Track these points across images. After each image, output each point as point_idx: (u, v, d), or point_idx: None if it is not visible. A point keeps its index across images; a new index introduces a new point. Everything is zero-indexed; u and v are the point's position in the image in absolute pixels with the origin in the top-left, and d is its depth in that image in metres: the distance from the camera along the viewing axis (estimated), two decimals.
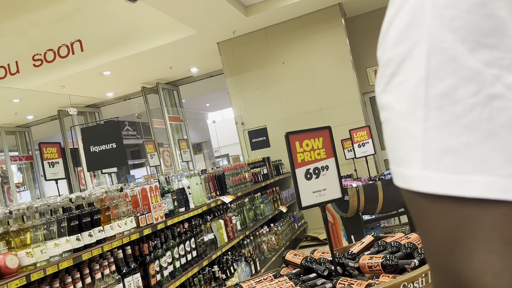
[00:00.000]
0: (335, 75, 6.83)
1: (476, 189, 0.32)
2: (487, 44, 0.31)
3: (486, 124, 0.32)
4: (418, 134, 0.34)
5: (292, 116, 7.08)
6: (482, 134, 0.32)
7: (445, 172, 0.33)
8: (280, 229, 5.52)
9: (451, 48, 0.32)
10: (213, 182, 4.35)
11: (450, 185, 0.32)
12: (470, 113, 0.32)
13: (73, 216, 2.42)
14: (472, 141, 0.32)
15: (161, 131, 9.00)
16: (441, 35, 0.33)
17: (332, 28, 6.86)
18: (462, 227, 0.32)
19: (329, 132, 2.02)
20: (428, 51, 0.33)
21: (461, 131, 0.32)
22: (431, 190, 0.33)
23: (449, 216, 0.33)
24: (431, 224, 0.34)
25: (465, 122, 0.32)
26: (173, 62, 8.20)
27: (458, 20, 0.32)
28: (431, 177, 0.33)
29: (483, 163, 0.32)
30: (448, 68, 0.33)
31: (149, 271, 2.89)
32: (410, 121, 0.35)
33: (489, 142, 0.32)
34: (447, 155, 0.33)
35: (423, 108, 0.34)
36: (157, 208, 3.15)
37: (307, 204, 1.95)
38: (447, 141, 0.33)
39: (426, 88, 0.34)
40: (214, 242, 3.85)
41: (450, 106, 0.33)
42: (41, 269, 2.07)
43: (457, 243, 0.33)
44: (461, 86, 0.32)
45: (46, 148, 3.74)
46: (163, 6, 5.60)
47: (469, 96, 0.32)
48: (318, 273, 1.99)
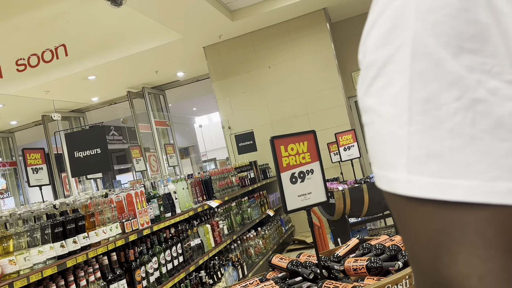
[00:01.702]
0: (320, 79, 6.88)
1: (460, 193, 0.32)
2: (469, 49, 0.32)
3: (469, 128, 0.32)
4: (402, 138, 0.34)
5: (278, 120, 7.10)
6: (465, 138, 0.32)
7: (430, 176, 0.33)
8: (268, 233, 5.53)
9: (434, 53, 0.32)
10: (200, 187, 4.33)
11: (435, 189, 0.32)
12: (453, 117, 0.32)
13: (57, 223, 2.39)
14: (456, 145, 0.32)
15: (147, 135, 8.95)
16: (425, 40, 0.33)
17: (317, 33, 6.92)
18: (447, 231, 0.32)
19: (313, 136, 2.04)
20: (411, 56, 0.33)
21: (445, 136, 0.33)
22: (416, 193, 0.33)
23: (433, 220, 0.33)
24: (415, 228, 0.34)
25: (448, 127, 0.32)
26: (159, 66, 8.17)
27: (441, 25, 0.32)
28: (416, 181, 0.33)
29: (467, 167, 0.32)
30: (431, 73, 0.33)
31: (135, 277, 2.86)
32: (394, 125, 0.35)
33: (473, 147, 0.32)
34: (431, 159, 0.33)
35: (407, 112, 0.34)
36: (142, 214, 3.13)
37: (292, 208, 1.96)
38: (431, 145, 0.33)
39: (410, 93, 0.34)
40: (201, 247, 3.83)
41: (434, 111, 0.33)
42: (25, 277, 2.04)
43: (441, 247, 0.33)
44: (444, 91, 0.33)
45: (29, 154, 3.69)
46: (148, 11, 5.58)
47: (452, 101, 0.32)
48: (304, 277, 2.00)
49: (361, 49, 0.38)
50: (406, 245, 0.36)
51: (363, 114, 0.38)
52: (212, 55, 7.46)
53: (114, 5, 3.93)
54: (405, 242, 0.36)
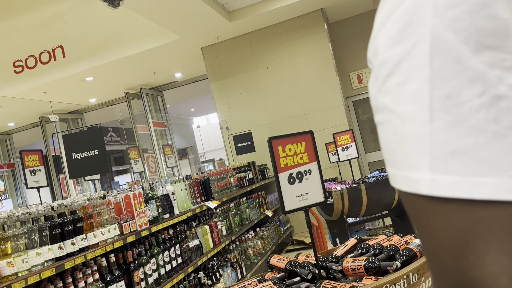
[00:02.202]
0: (318, 79, 6.89)
1: (486, 191, 0.31)
2: (489, 45, 0.31)
3: (492, 125, 0.32)
4: (424, 136, 0.33)
5: (276, 120, 7.11)
6: (489, 135, 0.32)
7: (455, 174, 0.32)
8: (266, 234, 5.53)
9: (454, 49, 0.32)
10: (198, 188, 4.33)
11: (461, 188, 0.32)
12: (476, 114, 0.32)
13: (55, 225, 2.39)
14: (480, 143, 0.32)
15: (145, 136, 8.94)
16: (444, 36, 0.32)
17: (315, 33, 6.93)
18: (473, 229, 0.32)
19: (311, 137, 2.04)
20: (431, 52, 0.33)
21: (468, 133, 0.32)
22: (441, 193, 0.32)
23: (459, 219, 0.32)
24: (438, 228, 0.33)
25: (472, 123, 0.32)
26: (156, 67, 8.16)
27: (460, 21, 0.32)
28: (440, 180, 0.32)
29: (492, 164, 0.31)
30: (452, 69, 0.32)
31: (133, 278, 2.86)
32: (414, 123, 0.34)
33: (497, 143, 0.31)
34: (456, 157, 0.32)
35: (428, 109, 0.33)
36: (141, 215, 3.13)
37: (290, 208, 1.96)
38: (455, 143, 0.32)
39: (430, 89, 0.33)
40: (199, 248, 3.83)
41: (456, 108, 0.32)
42: (23, 279, 2.03)
43: (467, 246, 0.32)
44: (466, 87, 0.32)
45: (27, 155, 3.69)
46: (145, 12, 5.58)
47: (474, 97, 0.32)
48: (302, 277, 2.01)
49: (370, 47, 0.37)
50: (427, 247, 0.35)
51: (377, 113, 0.37)
52: (210, 56, 7.46)
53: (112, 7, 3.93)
54: (426, 243, 0.35)
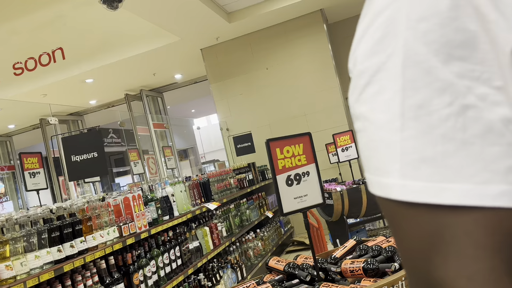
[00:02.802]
0: (318, 80, 6.89)
1: (452, 197, 0.33)
2: (459, 56, 0.33)
3: (460, 133, 0.33)
4: (395, 144, 0.35)
5: (276, 121, 7.11)
6: (457, 143, 0.33)
7: (423, 180, 0.34)
8: (267, 235, 5.53)
9: (425, 61, 0.33)
10: (198, 189, 4.33)
11: (428, 193, 0.33)
12: (445, 123, 0.33)
13: (54, 227, 2.38)
14: (448, 150, 0.33)
15: (145, 138, 8.94)
16: (416, 48, 0.33)
17: (315, 34, 6.93)
18: (438, 233, 0.33)
19: (309, 138, 2.04)
20: (403, 63, 0.34)
21: (437, 141, 0.33)
22: (409, 198, 0.34)
23: (426, 223, 0.34)
24: (408, 231, 0.35)
25: (440, 132, 0.33)
26: (156, 68, 8.17)
27: (431, 33, 0.33)
28: (410, 186, 0.34)
29: (459, 171, 0.33)
30: (423, 80, 0.33)
31: (133, 281, 2.86)
32: (386, 131, 0.35)
33: (464, 151, 0.33)
34: (424, 164, 0.34)
35: (400, 118, 0.34)
36: (140, 217, 3.13)
37: (288, 210, 1.96)
38: (424, 150, 0.34)
39: (402, 99, 0.34)
40: (199, 249, 3.83)
41: (426, 117, 0.34)
42: (21, 282, 2.03)
43: (433, 249, 0.33)
44: (435, 97, 0.33)
45: (26, 158, 3.69)
46: (145, 14, 5.59)
47: (443, 107, 0.33)
48: (301, 279, 2.00)
49: (351, 58, 0.39)
50: (399, 248, 0.37)
51: (355, 121, 0.39)
52: (210, 57, 7.46)
53: (111, 9, 3.93)
54: (398, 245, 0.37)
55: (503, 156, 0.33)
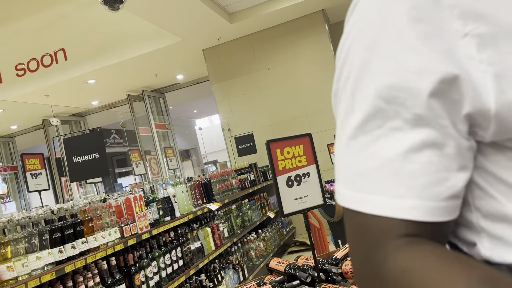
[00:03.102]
0: (320, 80, 6.88)
1: (372, 207, 0.39)
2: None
3: (385, 151, 0.39)
4: (342, 158, 0.43)
5: (278, 121, 7.10)
6: (382, 160, 0.39)
7: (355, 191, 0.41)
8: (268, 235, 5.52)
9: (364, 88, 0.42)
10: (200, 190, 4.33)
11: (355, 202, 0.41)
12: (376, 142, 0.39)
13: (55, 228, 2.39)
14: (374, 166, 0.39)
15: (147, 138, 8.95)
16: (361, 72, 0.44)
17: (316, 34, 6.92)
18: (364, 233, 0.41)
19: (309, 139, 2.04)
20: (351, 92, 0.43)
21: (368, 158, 0.40)
22: (345, 205, 0.42)
23: (356, 224, 0.41)
24: (348, 229, 0.44)
25: (371, 150, 0.40)
26: (158, 69, 8.18)
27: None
28: (346, 195, 0.42)
29: (380, 185, 0.39)
30: (360, 106, 0.41)
31: (134, 282, 2.86)
32: (338, 146, 0.44)
33: (387, 168, 0.39)
34: (358, 177, 0.40)
35: (345, 136, 0.42)
36: (141, 218, 3.13)
37: (289, 211, 1.96)
38: (358, 165, 0.40)
39: (347, 120, 0.42)
40: (201, 250, 3.83)
41: (362, 136, 0.40)
42: (23, 283, 2.04)
43: (353, 243, 0.43)
44: (369, 119, 0.40)
45: (28, 159, 3.70)
46: (147, 14, 5.59)
47: (375, 128, 0.40)
48: (302, 280, 2.00)
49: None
50: (347, 241, 0.45)
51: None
52: (211, 58, 7.47)
53: (112, 10, 3.94)
54: (347, 238, 0.45)
55: (419, 174, 0.38)
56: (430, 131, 0.38)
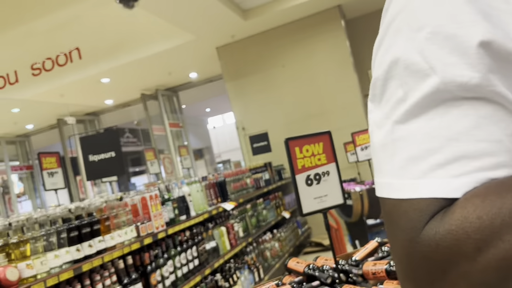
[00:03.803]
0: (336, 77, 6.80)
1: (429, 191, 0.37)
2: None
3: (444, 131, 0.37)
4: (387, 146, 0.43)
5: (293, 120, 7.04)
6: (442, 140, 0.37)
7: (405, 178, 0.40)
8: (284, 235, 5.48)
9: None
10: (214, 189, 4.31)
11: (408, 189, 0.39)
12: (431, 121, 0.38)
13: (73, 227, 2.38)
14: (433, 148, 0.37)
15: (161, 137, 8.98)
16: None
17: (332, 31, 6.84)
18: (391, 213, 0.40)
19: (329, 137, 1.98)
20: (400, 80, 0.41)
21: (424, 139, 0.38)
22: (397, 195, 0.41)
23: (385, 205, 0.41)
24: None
25: (427, 131, 0.38)
26: (172, 68, 8.19)
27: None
28: (396, 184, 0.41)
29: (441, 167, 0.37)
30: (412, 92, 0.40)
31: (150, 281, 2.85)
32: (379, 136, 0.45)
33: (449, 148, 0.37)
34: (411, 163, 0.39)
35: (390, 123, 0.42)
36: (157, 217, 3.12)
37: (308, 211, 1.91)
38: (412, 149, 0.39)
39: (395, 107, 0.42)
40: (216, 250, 3.81)
41: (413, 119, 0.40)
42: (42, 281, 2.03)
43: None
44: (420, 102, 0.38)
45: (45, 157, 3.72)
46: (160, 12, 5.59)
47: (428, 108, 0.38)
48: (321, 281, 1.95)
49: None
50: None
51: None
52: (225, 56, 7.44)
53: (127, 7, 3.93)
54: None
55: (485, 154, 0.35)
56: (494, 108, 0.35)
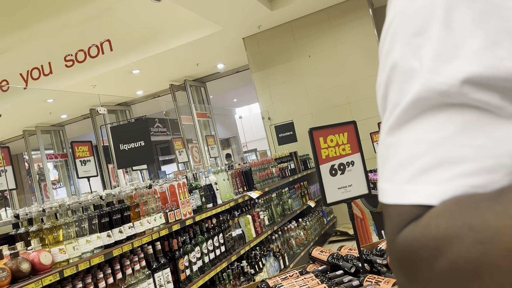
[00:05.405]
0: (363, 67, 6.71)
1: (415, 197, 0.37)
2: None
3: (430, 136, 0.38)
4: (382, 151, 0.43)
5: (319, 110, 7.00)
6: (427, 145, 0.37)
7: (395, 183, 0.40)
8: (309, 224, 5.50)
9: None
10: (240, 178, 4.36)
11: (397, 194, 0.40)
12: (419, 127, 0.38)
13: (104, 213, 2.48)
14: (417, 153, 0.38)
15: (189, 127, 9.11)
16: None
17: (359, 19, 6.73)
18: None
19: (354, 127, 1.98)
20: (399, 82, 0.40)
21: (410, 145, 0.38)
22: (387, 201, 0.41)
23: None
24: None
25: (414, 136, 0.39)
26: (199, 59, 8.26)
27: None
28: (388, 189, 0.41)
29: (425, 173, 0.37)
30: (407, 95, 0.39)
31: (178, 266, 2.93)
32: (380, 141, 0.44)
33: (432, 153, 0.37)
34: (399, 168, 0.39)
35: (387, 128, 0.42)
36: (185, 204, 3.20)
37: (332, 201, 1.92)
38: (400, 155, 0.39)
39: (392, 112, 0.41)
40: (242, 237, 3.87)
41: (405, 124, 0.40)
42: (74, 265, 2.13)
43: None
44: (411, 107, 0.38)
45: (78, 146, 3.85)
46: (188, 4, 5.64)
47: (418, 114, 0.38)
48: (345, 270, 1.97)
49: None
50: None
51: None
52: (252, 46, 7.45)
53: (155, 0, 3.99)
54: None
55: (468, 159, 0.35)
56: (480, 113, 0.35)
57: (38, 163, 10.91)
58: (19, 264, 1.89)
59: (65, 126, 10.88)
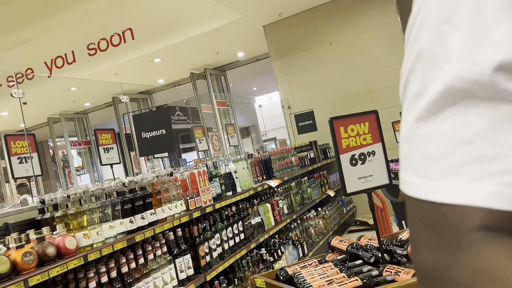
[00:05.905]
0: (385, 55, 6.59)
1: (443, 194, 0.36)
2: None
3: (461, 132, 0.36)
4: (407, 142, 0.41)
5: (340, 98, 6.93)
6: (456, 141, 0.36)
7: (422, 177, 0.38)
8: (328, 213, 5.49)
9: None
10: (260, 167, 4.37)
11: (424, 190, 0.38)
12: (448, 121, 0.37)
13: (127, 200, 2.53)
14: (447, 149, 0.36)
15: (209, 116, 9.16)
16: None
17: (382, 6, 6.59)
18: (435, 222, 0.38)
19: (375, 117, 1.96)
20: (423, 70, 0.39)
21: (439, 139, 0.37)
22: (411, 193, 0.40)
23: (419, 212, 0.39)
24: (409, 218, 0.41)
25: (443, 131, 0.37)
26: (220, 47, 8.26)
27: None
28: (413, 182, 0.39)
29: (454, 170, 0.36)
30: (433, 85, 0.38)
31: (198, 252, 2.98)
32: (403, 130, 0.42)
33: (462, 150, 0.36)
34: (426, 162, 0.38)
35: (412, 118, 0.40)
36: (205, 192, 3.23)
37: (352, 191, 1.92)
38: (427, 149, 0.38)
39: (416, 101, 0.39)
40: (261, 225, 3.89)
41: (432, 117, 0.38)
42: (97, 250, 2.19)
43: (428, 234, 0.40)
44: (441, 99, 0.37)
45: (101, 134, 3.93)
46: None
47: (447, 107, 0.37)
48: (365, 260, 1.97)
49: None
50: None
51: None
52: (272, 34, 7.39)
53: None
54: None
55: (500, 157, 0.34)
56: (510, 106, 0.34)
57: (62, 150, 11.17)
58: (45, 248, 1.95)
59: (88, 114, 11.08)
